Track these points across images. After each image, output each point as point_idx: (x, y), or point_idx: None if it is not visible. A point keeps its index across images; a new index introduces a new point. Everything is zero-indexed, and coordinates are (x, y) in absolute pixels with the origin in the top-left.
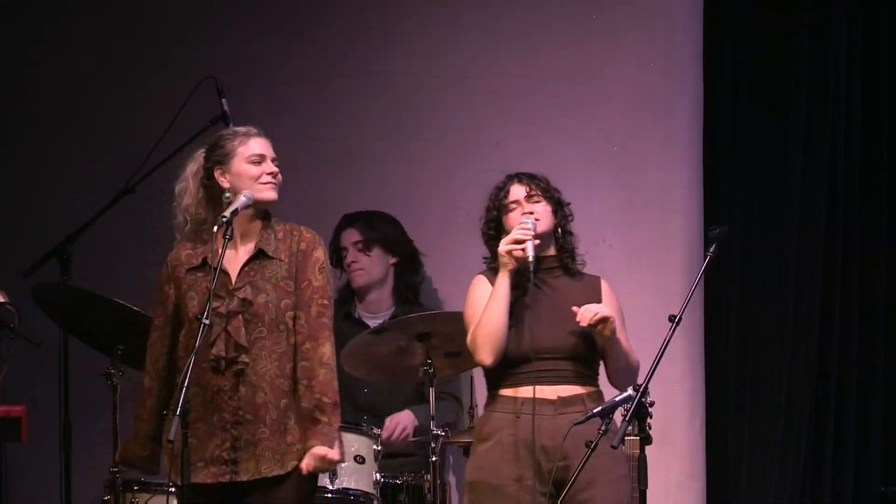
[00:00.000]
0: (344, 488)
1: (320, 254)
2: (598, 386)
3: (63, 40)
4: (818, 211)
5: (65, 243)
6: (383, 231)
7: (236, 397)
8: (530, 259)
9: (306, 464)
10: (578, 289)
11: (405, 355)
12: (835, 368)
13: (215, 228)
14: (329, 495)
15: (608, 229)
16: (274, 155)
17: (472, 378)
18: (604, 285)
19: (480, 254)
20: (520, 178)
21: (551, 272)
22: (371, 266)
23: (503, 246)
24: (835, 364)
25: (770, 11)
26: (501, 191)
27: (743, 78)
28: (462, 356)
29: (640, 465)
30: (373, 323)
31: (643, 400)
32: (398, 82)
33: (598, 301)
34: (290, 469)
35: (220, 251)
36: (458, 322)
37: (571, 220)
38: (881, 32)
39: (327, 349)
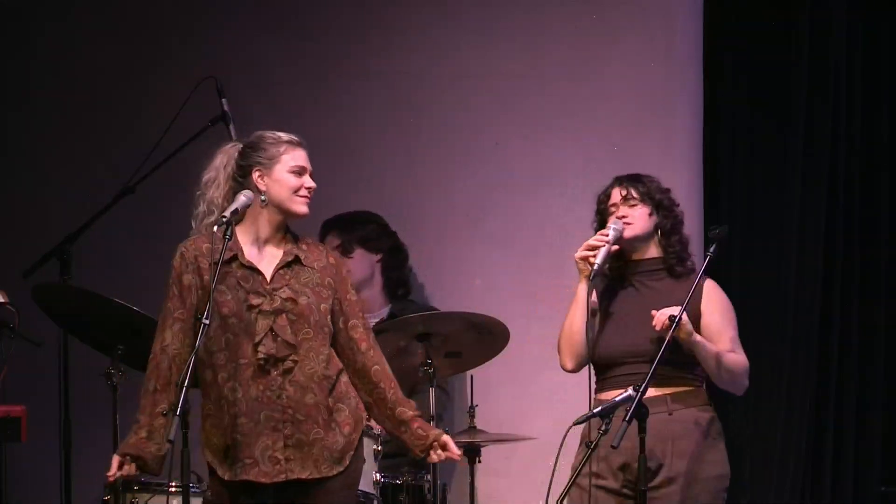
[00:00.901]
0: None
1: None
2: (693, 385)
3: (63, 41)
4: (818, 211)
5: (65, 243)
6: (362, 231)
7: (284, 396)
8: (595, 266)
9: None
10: (678, 291)
11: (405, 355)
12: (835, 368)
13: (215, 228)
14: None
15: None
16: (312, 169)
17: (471, 378)
18: (708, 286)
19: (479, 253)
20: (620, 181)
21: (653, 274)
22: (354, 268)
23: (578, 252)
24: (835, 364)
25: (770, 12)
26: (603, 194)
27: (743, 78)
28: (462, 356)
29: (640, 464)
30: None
31: (643, 400)
32: (398, 82)
33: (697, 302)
34: (347, 463)
35: (220, 251)
36: (457, 322)
37: (677, 220)
38: (881, 32)
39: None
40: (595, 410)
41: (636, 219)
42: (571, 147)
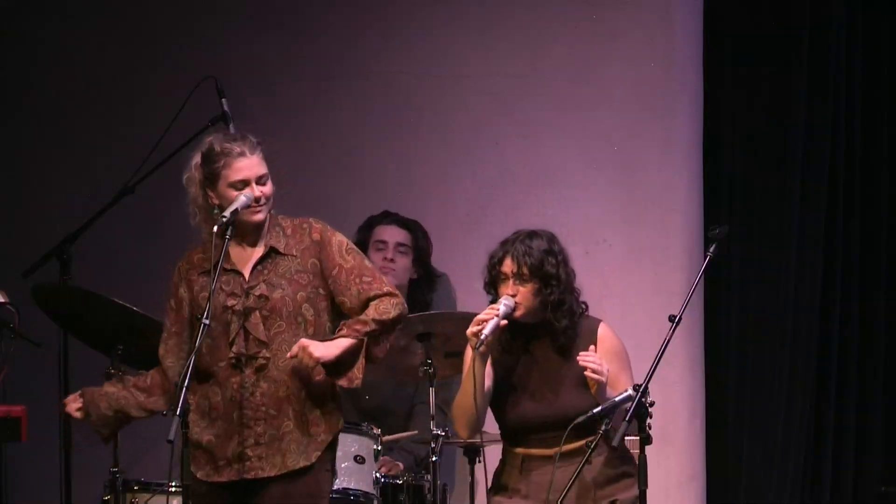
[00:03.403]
0: (344, 488)
1: (340, 237)
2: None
3: (63, 41)
4: (818, 210)
5: (65, 243)
6: (423, 245)
7: (258, 394)
8: (482, 337)
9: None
10: (570, 355)
11: (405, 355)
12: (835, 368)
13: (214, 228)
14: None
15: (608, 229)
16: (263, 171)
17: None
18: (600, 333)
19: (479, 254)
20: (514, 250)
21: (542, 339)
22: (401, 271)
23: (469, 328)
24: (835, 364)
25: (770, 11)
26: (496, 257)
27: (743, 78)
28: (462, 356)
29: (640, 465)
30: None
31: (643, 400)
32: (398, 83)
33: (590, 349)
34: (314, 460)
35: (220, 251)
36: (457, 322)
37: (566, 286)
38: (881, 32)
39: (370, 310)
40: (594, 410)
41: (524, 298)
42: (571, 147)
